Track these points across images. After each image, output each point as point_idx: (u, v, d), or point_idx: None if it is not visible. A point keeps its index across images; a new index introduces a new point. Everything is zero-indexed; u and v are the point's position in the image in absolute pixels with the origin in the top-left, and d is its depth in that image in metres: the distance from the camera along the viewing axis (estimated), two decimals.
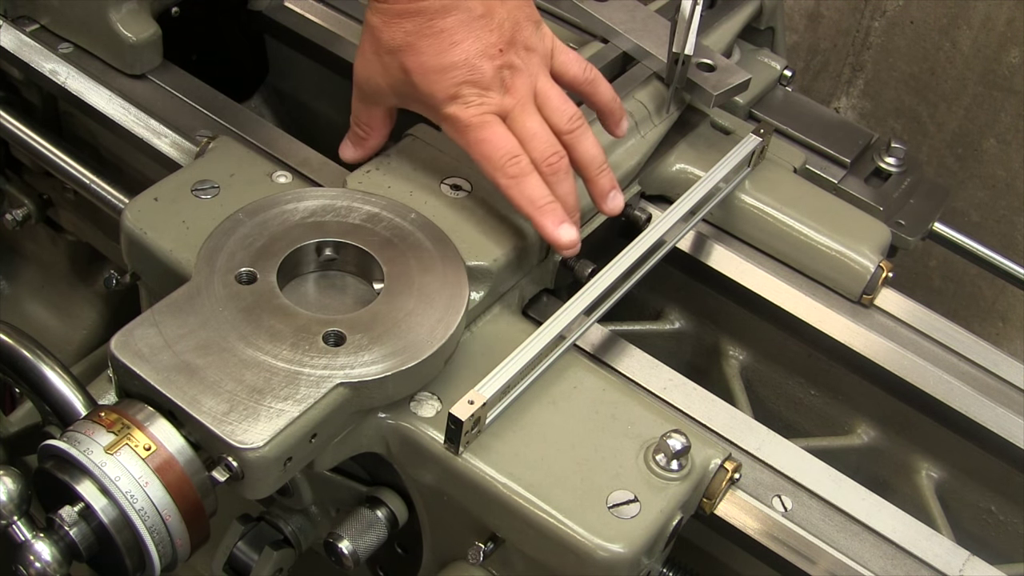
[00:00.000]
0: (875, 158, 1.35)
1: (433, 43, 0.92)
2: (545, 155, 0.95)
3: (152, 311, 0.85)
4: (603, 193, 1.00)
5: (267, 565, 0.96)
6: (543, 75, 0.98)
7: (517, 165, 0.93)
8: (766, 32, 1.44)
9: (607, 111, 1.05)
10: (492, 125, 0.94)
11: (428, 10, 0.92)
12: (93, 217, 1.42)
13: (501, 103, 0.94)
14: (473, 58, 0.92)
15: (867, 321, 1.11)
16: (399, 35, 0.93)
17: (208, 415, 0.78)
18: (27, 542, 0.78)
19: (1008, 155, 1.95)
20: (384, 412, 0.87)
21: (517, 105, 0.95)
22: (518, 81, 0.95)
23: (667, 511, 0.84)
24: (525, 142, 0.95)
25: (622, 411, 0.90)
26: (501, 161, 0.93)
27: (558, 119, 0.97)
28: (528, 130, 0.95)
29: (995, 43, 1.87)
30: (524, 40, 0.96)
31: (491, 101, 0.94)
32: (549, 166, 0.95)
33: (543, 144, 0.95)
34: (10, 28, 1.29)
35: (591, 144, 0.98)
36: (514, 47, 0.95)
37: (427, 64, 0.93)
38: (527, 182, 0.93)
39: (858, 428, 1.17)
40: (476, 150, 0.94)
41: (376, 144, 1.06)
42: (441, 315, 0.87)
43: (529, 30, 0.97)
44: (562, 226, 0.94)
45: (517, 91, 0.95)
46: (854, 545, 0.92)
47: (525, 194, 0.93)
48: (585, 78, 1.02)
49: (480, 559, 0.86)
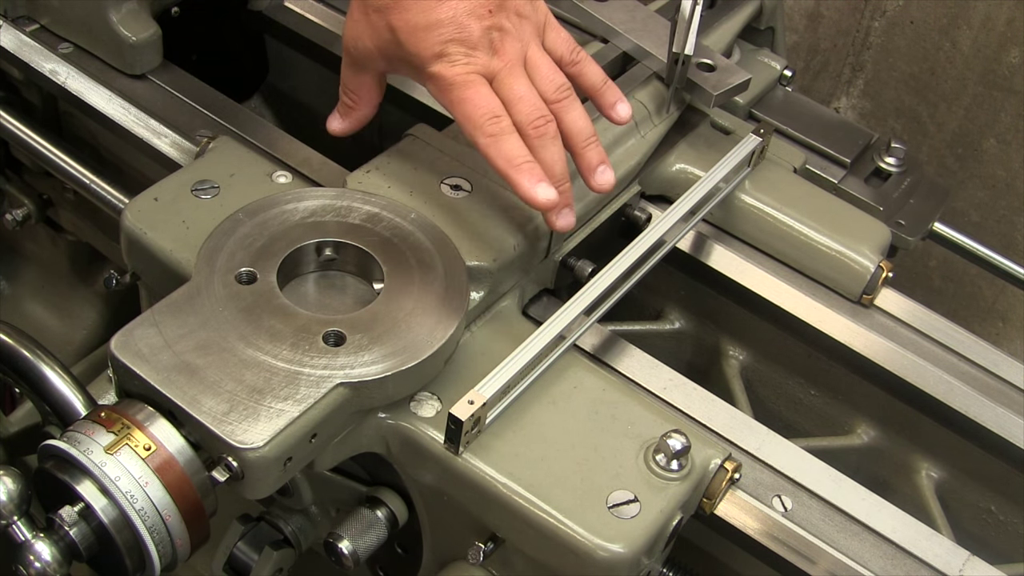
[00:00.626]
0: (875, 158, 1.36)
1: (420, 1, 0.91)
2: (531, 117, 0.92)
3: (152, 311, 0.85)
4: (591, 167, 0.96)
5: (267, 565, 0.96)
6: (534, 43, 0.96)
7: (497, 124, 0.91)
8: (766, 32, 1.44)
9: (596, 93, 1.01)
10: (476, 84, 0.92)
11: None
12: (93, 217, 1.42)
13: (488, 64, 0.92)
14: (461, 16, 0.91)
15: (867, 321, 1.11)
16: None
17: (208, 415, 0.78)
18: (27, 542, 0.78)
19: (1008, 155, 1.95)
20: (384, 412, 0.87)
21: (504, 68, 0.93)
22: (507, 44, 0.93)
23: (667, 511, 0.84)
24: (511, 104, 0.92)
25: (622, 411, 0.90)
26: (481, 120, 0.91)
27: (546, 87, 0.95)
28: (515, 92, 0.92)
29: (995, 43, 1.87)
30: (516, 6, 0.95)
31: (477, 61, 0.92)
32: (535, 128, 0.92)
33: (529, 107, 0.92)
34: (10, 28, 1.29)
35: (579, 115, 0.96)
36: (504, 11, 0.93)
37: (414, 21, 0.91)
38: (506, 140, 0.91)
39: (858, 428, 1.17)
40: (458, 109, 0.92)
41: (364, 115, 1.04)
42: (441, 315, 0.87)
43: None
44: (539, 185, 0.90)
45: (505, 54, 0.93)
46: (854, 545, 0.92)
47: (503, 152, 0.91)
48: (572, 59, 1.00)
49: (480, 559, 0.86)
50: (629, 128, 1.13)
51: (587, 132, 0.96)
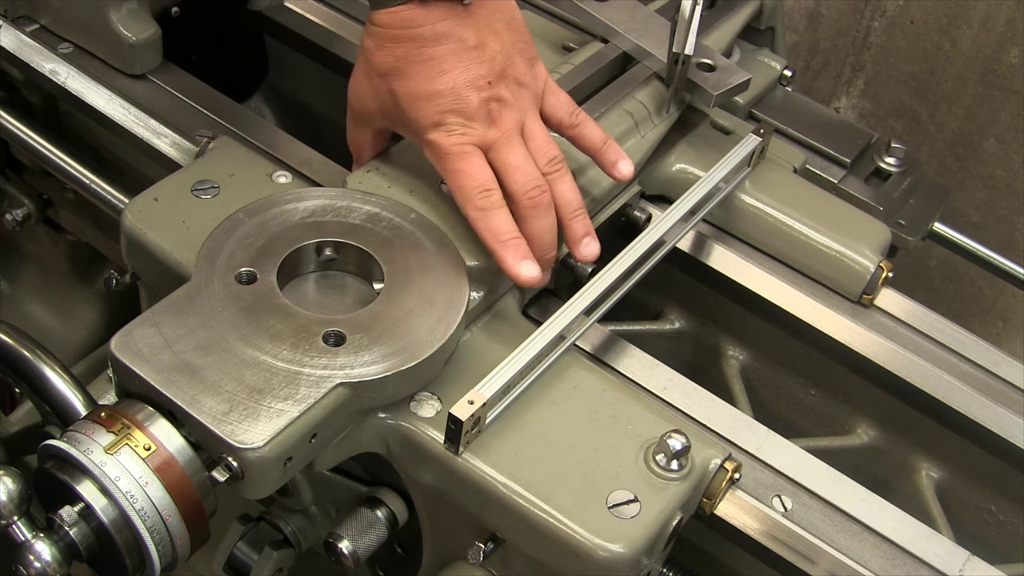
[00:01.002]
0: (875, 158, 1.35)
1: (422, 70, 0.92)
2: (527, 187, 0.93)
3: (152, 311, 0.85)
4: (577, 238, 0.97)
5: (267, 565, 0.96)
6: (532, 112, 0.97)
7: (488, 198, 0.92)
8: (766, 32, 1.44)
9: (597, 153, 1.02)
10: (470, 156, 0.93)
11: (420, 37, 0.92)
12: (93, 217, 1.42)
13: (484, 135, 0.93)
14: (460, 87, 0.92)
15: (867, 321, 1.11)
16: (390, 59, 0.93)
17: (208, 415, 0.78)
18: (27, 542, 0.78)
19: (1008, 155, 1.95)
20: (384, 412, 0.87)
21: (502, 138, 0.94)
22: (505, 114, 0.94)
23: (667, 511, 0.84)
24: (506, 173, 0.94)
25: (622, 411, 0.90)
26: (472, 192, 0.92)
27: (540, 158, 0.96)
28: (511, 162, 0.94)
29: (995, 43, 1.87)
30: (516, 75, 0.95)
31: (474, 132, 0.93)
32: (531, 199, 0.93)
33: (525, 176, 0.94)
34: (10, 28, 1.29)
35: (568, 187, 0.97)
36: (504, 80, 0.94)
37: (414, 90, 0.93)
38: (495, 215, 0.92)
39: (858, 428, 1.17)
40: (451, 179, 0.94)
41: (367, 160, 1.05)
42: (441, 315, 0.87)
43: (522, 66, 0.96)
44: (524, 262, 0.92)
45: (503, 124, 0.94)
46: (854, 545, 0.92)
47: (491, 226, 0.92)
48: (571, 122, 1.01)
49: (480, 559, 0.86)
50: (629, 128, 1.13)
51: (576, 203, 0.97)
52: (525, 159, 0.94)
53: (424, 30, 0.92)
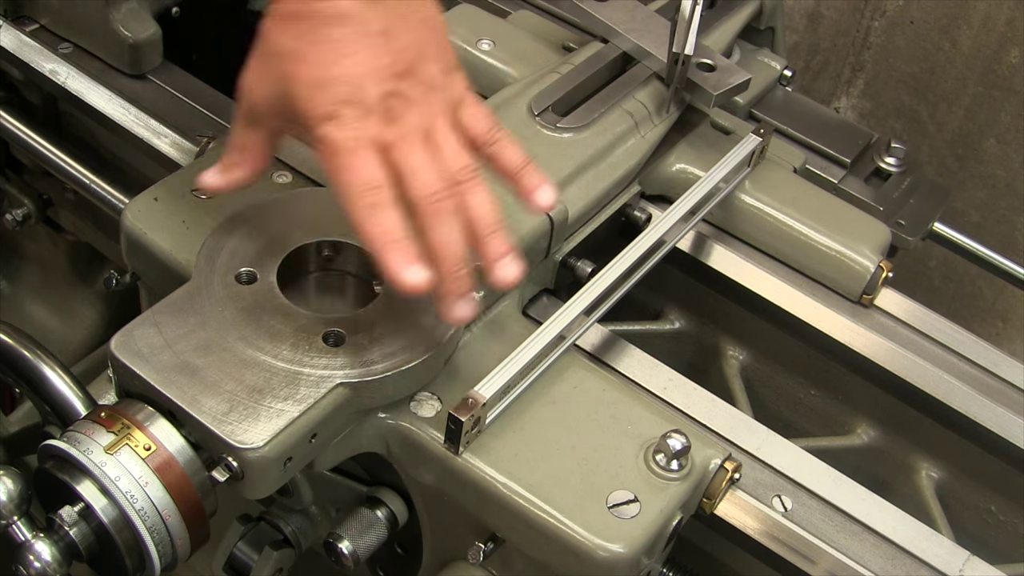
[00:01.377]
0: (875, 158, 1.35)
1: (320, 52, 0.81)
2: (429, 190, 0.81)
3: (152, 311, 0.85)
4: (492, 259, 0.83)
5: (267, 565, 0.96)
6: (443, 119, 0.84)
7: (375, 195, 0.80)
8: (766, 32, 1.44)
9: (515, 176, 0.87)
10: (361, 152, 0.81)
11: (320, 14, 0.81)
12: (93, 217, 1.42)
13: (381, 133, 0.81)
14: (359, 76, 0.81)
15: (867, 321, 1.11)
16: (286, 39, 0.82)
17: (208, 415, 0.78)
18: (27, 542, 0.78)
19: (1008, 155, 1.95)
20: (384, 412, 0.87)
21: (401, 139, 0.82)
22: (408, 114, 0.82)
23: (667, 511, 0.84)
24: (405, 177, 0.81)
25: (622, 411, 0.90)
26: (359, 189, 0.80)
27: (450, 164, 0.83)
28: (410, 164, 0.81)
29: (995, 43, 1.87)
30: (426, 75, 0.84)
31: (369, 127, 0.81)
32: (432, 204, 0.81)
33: (427, 179, 0.81)
34: (10, 28, 1.29)
35: (483, 200, 0.83)
36: (412, 78, 0.83)
37: (309, 74, 0.81)
38: (381, 212, 0.80)
39: (858, 428, 1.17)
40: (335, 177, 0.81)
41: (244, 177, 0.90)
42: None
43: (436, 68, 0.85)
44: (411, 266, 0.79)
45: (405, 125, 0.82)
46: (854, 545, 0.92)
47: (377, 224, 0.79)
48: (487, 139, 0.87)
49: (480, 559, 0.86)
50: (629, 128, 1.13)
51: (492, 219, 0.84)
52: (428, 163, 0.82)
53: (325, 6, 0.81)
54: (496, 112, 1.11)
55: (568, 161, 1.08)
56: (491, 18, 1.34)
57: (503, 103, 1.13)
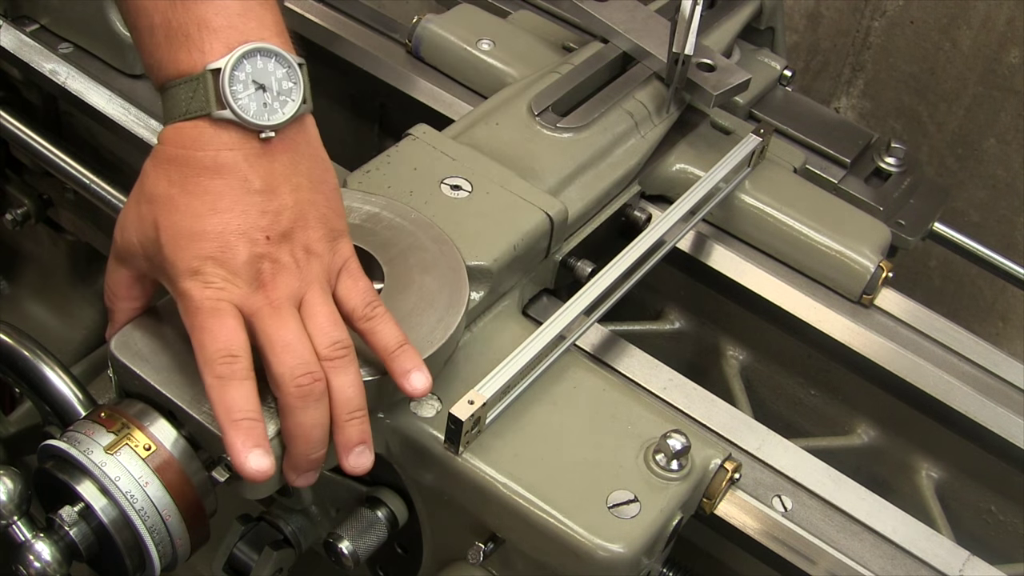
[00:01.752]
0: (875, 158, 1.35)
1: (192, 203, 0.77)
2: (296, 372, 0.77)
3: (152, 311, 0.85)
4: (348, 445, 0.80)
5: (267, 565, 0.96)
6: (318, 287, 0.80)
7: (230, 366, 0.76)
8: (766, 32, 1.44)
9: (389, 357, 0.82)
10: (222, 315, 0.76)
11: (198, 163, 0.78)
12: (93, 217, 1.42)
13: (247, 297, 0.77)
14: (229, 234, 0.77)
15: (867, 321, 1.11)
16: (162, 184, 0.79)
17: (208, 415, 0.78)
18: (27, 542, 0.78)
19: (1008, 155, 1.95)
20: (384, 412, 0.87)
21: (269, 306, 0.78)
22: (280, 280, 0.78)
23: (667, 511, 0.84)
24: (273, 352, 0.77)
25: (622, 411, 0.90)
26: (213, 355, 0.76)
27: (320, 340, 0.79)
28: (279, 339, 0.77)
29: (995, 43, 1.87)
30: (305, 241, 0.80)
31: (234, 291, 0.77)
32: (299, 387, 0.77)
33: (294, 358, 0.77)
34: (10, 28, 1.29)
35: (350, 382, 0.79)
36: (288, 243, 0.79)
37: (178, 225, 0.77)
38: (234, 387, 0.76)
39: (858, 428, 1.17)
40: (194, 337, 0.77)
41: (121, 318, 0.85)
42: (441, 315, 0.87)
43: (317, 234, 0.81)
44: (253, 450, 0.75)
45: (274, 291, 0.78)
46: (854, 545, 0.92)
47: (225, 400, 0.75)
48: (364, 314, 0.82)
49: (480, 559, 0.86)
50: (629, 128, 1.13)
51: (355, 404, 0.80)
52: (297, 337, 0.78)
53: (204, 155, 0.78)
54: (496, 112, 1.11)
55: (568, 161, 1.08)
56: (491, 18, 1.34)
57: (503, 103, 1.13)
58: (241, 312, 0.77)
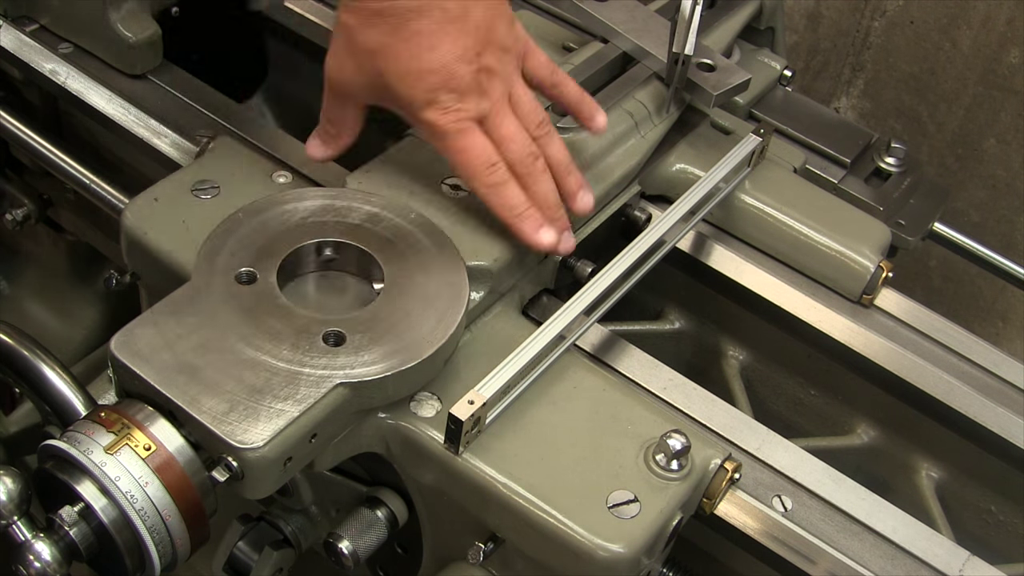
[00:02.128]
0: (875, 158, 1.35)
1: (409, 46, 0.90)
2: (521, 156, 0.95)
3: (152, 311, 0.85)
4: (572, 193, 1.00)
5: (267, 565, 0.96)
6: (516, 76, 0.98)
7: (496, 173, 0.94)
8: (766, 32, 1.44)
9: (576, 108, 1.05)
10: (470, 133, 0.93)
11: (401, 10, 0.89)
12: (93, 217, 1.42)
13: (478, 108, 0.93)
14: (451, 63, 0.91)
15: (867, 321, 1.11)
16: (374, 36, 0.91)
17: (208, 415, 0.78)
18: (27, 542, 0.78)
19: (1008, 155, 1.95)
20: (384, 412, 0.87)
21: (493, 108, 0.94)
22: (494, 83, 0.94)
23: (667, 511, 0.84)
24: (501, 144, 0.95)
25: (622, 411, 0.90)
26: (479, 169, 0.94)
27: (529, 122, 0.97)
28: (505, 133, 0.95)
29: (995, 43, 1.87)
30: (499, 40, 0.95)
31: (469, 107, 0.93)
32: (526, 167, 0.96)
33: (519, 146, 0.95)
34: (10, 28, 1.29)
35: (559, 147, 0.99)
36: (490, 48, 0.94)
37: (404, 68, 0.91)
38: (505, 190, 0.95)
39: (858, 428, 1.17)
40: (455, 158, 0.94)
41: (347, 143, 1.02)
42: (441, 315, 0.87)
43: (503, 29, 0.96)
44: (541, 230, 0.95)
45: (494, 94, 0.94)
46: (854, 545, 0.92)
47: (504, 202, 0.95)
48: (552, 81, 1.03)
49: (480, 559, 0.86)
50: (629, 128, 1.13)
51: (566, 161, 1.00)
52: (518, 128, 0.96)
53: (406, 2, 0.89)
54: None
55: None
56: None
57: None
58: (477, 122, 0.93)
